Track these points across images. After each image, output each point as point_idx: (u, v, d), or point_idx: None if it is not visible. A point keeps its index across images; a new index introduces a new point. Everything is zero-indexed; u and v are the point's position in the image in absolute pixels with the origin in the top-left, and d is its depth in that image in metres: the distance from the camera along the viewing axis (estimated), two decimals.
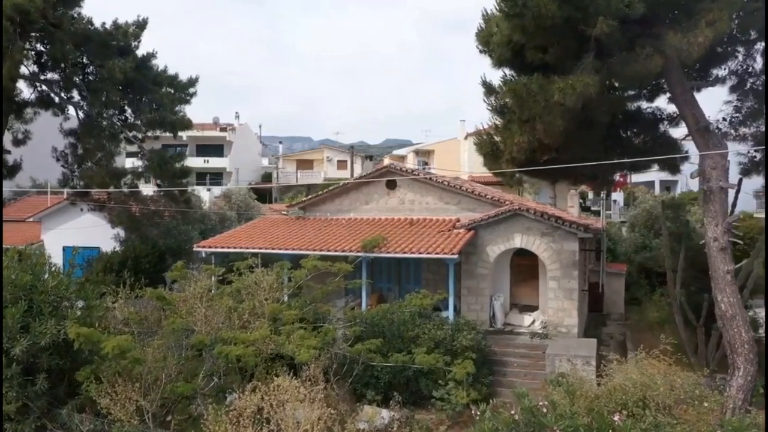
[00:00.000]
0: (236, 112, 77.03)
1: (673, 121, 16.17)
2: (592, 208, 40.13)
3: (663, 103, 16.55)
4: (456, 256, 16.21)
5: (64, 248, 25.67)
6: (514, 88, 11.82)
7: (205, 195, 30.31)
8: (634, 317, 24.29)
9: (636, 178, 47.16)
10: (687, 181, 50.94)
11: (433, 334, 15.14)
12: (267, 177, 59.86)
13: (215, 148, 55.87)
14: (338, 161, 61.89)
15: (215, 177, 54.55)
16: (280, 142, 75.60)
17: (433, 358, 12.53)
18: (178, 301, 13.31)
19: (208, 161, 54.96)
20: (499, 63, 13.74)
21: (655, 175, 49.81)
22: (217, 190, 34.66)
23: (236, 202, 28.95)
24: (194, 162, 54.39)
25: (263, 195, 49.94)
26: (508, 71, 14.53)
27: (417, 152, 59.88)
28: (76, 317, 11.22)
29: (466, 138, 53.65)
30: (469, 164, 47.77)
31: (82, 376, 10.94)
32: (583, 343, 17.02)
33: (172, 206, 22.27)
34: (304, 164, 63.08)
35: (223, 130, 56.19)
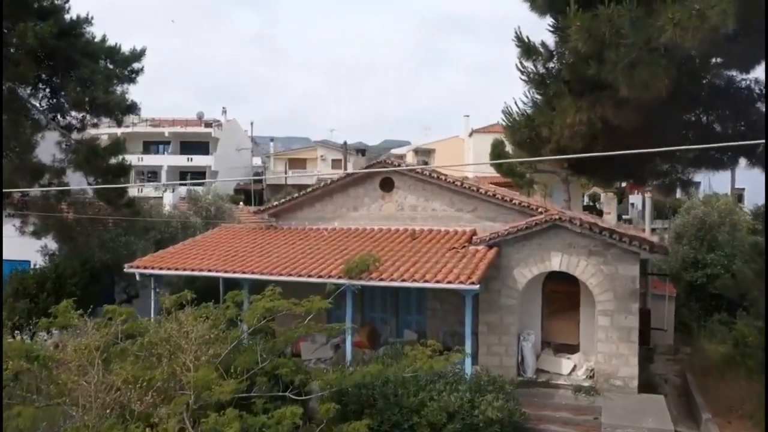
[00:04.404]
0: (223, 108, 72.14)
1: None
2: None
3: (760, 74, 12.04)
4: (476, 287, 11.58)
5: None
6: (588, 26, 7.14)
7: (168, 197, 25.59)
8: (685, 350, 19.81)
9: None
10: (710, 183, 46.69)
11: (445, 401, 10.56)
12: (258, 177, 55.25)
13: (200, 146, 51.49)
14: (333, 160, 57.46)
15: (198, 176, 49.93)
16: (272, 140, 70.62)
17: None
18: (59, 363, 8.70)
19: (191, 159, 50.57)
20: (548, 5, 9.10)
21: None
22: (183, 191, 29.90)
23: (204, 205, 24.12)
24: (177, 160, 50.35)
25: (251, 197, 45.41)
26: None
27: (417, 151, 55.52)
28: None
29: (471, 135, 49.26)
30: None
31: None
32: (650, 405, 12.42)
33: (111, 211, 17.63)
34: (297, 163, 58.73)
35: (208, 125, 51.70)
